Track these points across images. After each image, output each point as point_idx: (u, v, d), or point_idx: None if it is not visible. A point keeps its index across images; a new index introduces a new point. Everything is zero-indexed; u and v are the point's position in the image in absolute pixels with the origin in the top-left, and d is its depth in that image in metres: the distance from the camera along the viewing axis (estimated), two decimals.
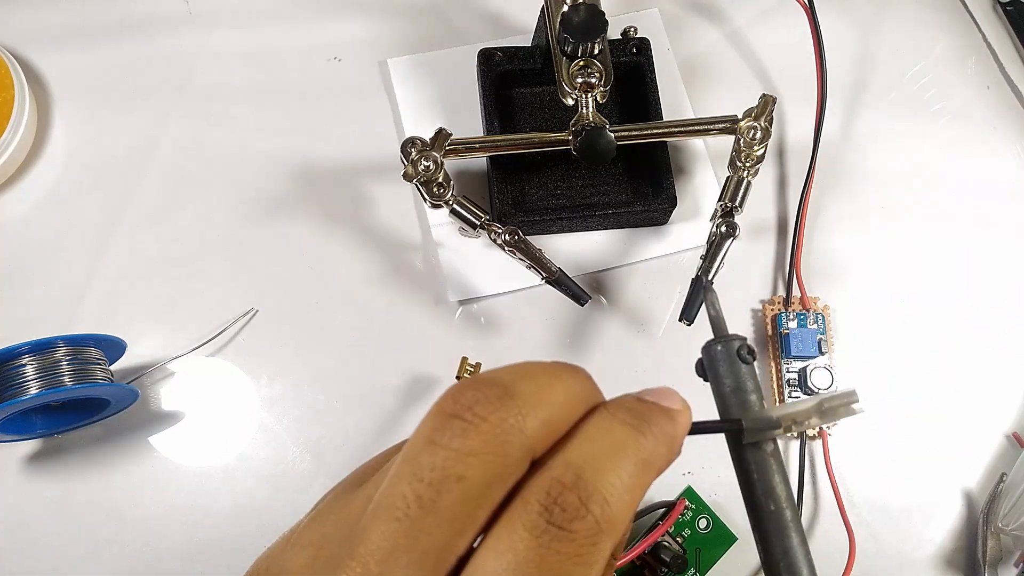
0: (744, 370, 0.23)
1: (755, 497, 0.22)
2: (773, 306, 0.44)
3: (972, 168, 0.48)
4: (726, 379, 0.23)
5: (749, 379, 0.23)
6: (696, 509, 0.40)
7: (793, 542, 0.22)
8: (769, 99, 0.40)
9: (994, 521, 0.40)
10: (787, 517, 0.22)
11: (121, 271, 0.43)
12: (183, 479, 0.40)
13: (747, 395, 0.23)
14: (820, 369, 0.42)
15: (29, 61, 0.47)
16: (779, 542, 0.22)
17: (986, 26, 0.50)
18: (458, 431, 0.17)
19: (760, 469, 0.22)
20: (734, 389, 0.23)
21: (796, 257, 0.44)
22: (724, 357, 0.23)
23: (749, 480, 0.22)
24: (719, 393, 0.23)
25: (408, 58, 0.48)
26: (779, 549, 0.21)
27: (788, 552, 0.21)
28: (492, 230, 0.40)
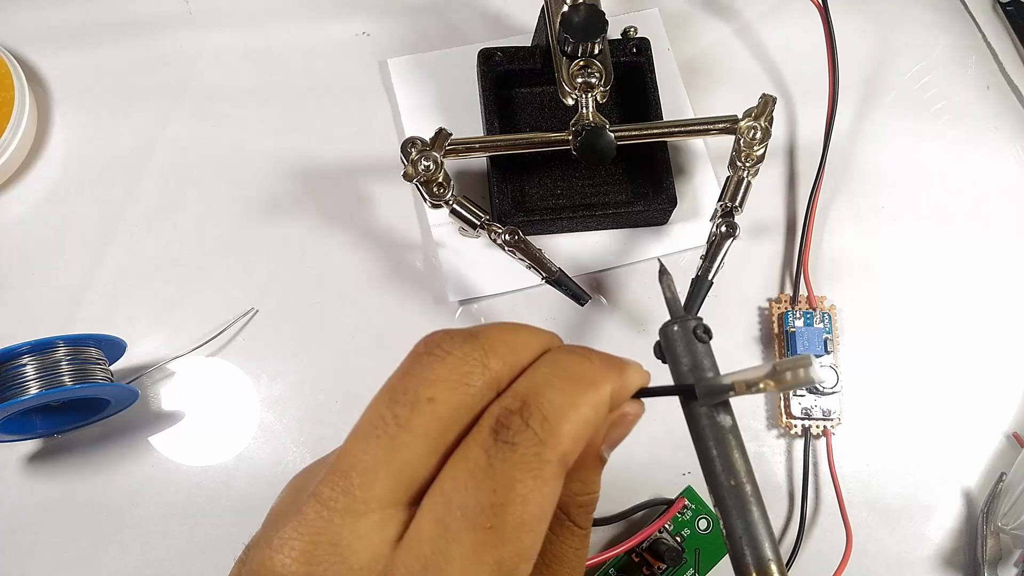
0: (701, 349, 0.23)
1: (714, 473, 0.22)
2: (780, 304, 0.44)
3: (972, 168, 0.48)
4: (683, 359, 0.24)
5: (706, 357, 0.23)
6: (696, 509, 0.40)
7: (754, 515, 0.22)
8: (769, 99, 0.40)
9: (994, 520, 0.40)
10: (747, 491, 0.22)
11: (121, 271, 0.43)
12: (183, 479, 0.40)
13: (704, 372, 0.23)
14: (825, 368, 0.42)
15: (29, 61, 0.47)
16: (740, 516, 0.22)
17: (986, 26, 0.50)
18: (428, 363, 0.20)
19: (719, 444, 0.22)
20: (691, 368, 0.23)
21: (804, 256, 0.44)
22: (680, 337, 0.24)
23: (707, 456, 0.22)
24: (677, 373, 0.24)
25: (408, 58, 0.48)
26: (740, 523, 0.22)
27: (749, 526, 0.22)
28: (492, 230, 0.40)
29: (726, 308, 0.44)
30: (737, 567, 0.22)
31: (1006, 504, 0.40)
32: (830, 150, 0.47)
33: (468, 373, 0.20)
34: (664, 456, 0.41)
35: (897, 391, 0.43)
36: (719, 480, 0.22)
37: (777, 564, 0.21)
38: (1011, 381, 0.44)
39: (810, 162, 0.47)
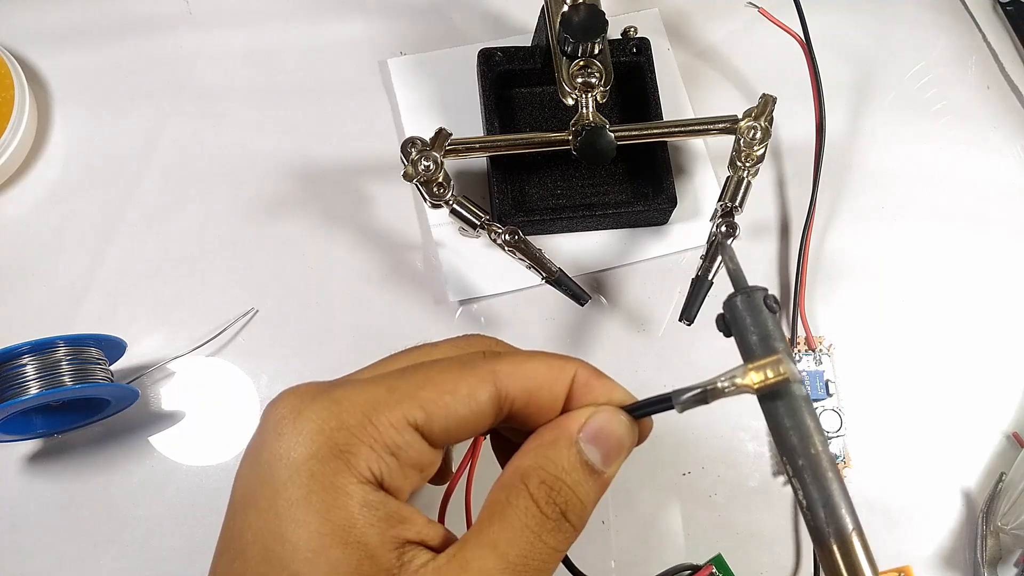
0: (770, 319, 0.23)
1: (790, 444, 0.22)
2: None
3: (972, 168, 0.48)
4: (752, 330, 0.23)
5: (775, 327, 0.23)
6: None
7: (833, 486, 0.21)
8: (769, 99, 0.40)
9: (993, 520, 0.40)
10: (824, 461, 0.21)
11: (121, 271, 0.43)
12: (183, 479, 0.40)
13: (775, 342, 0.22)
14: (828, 412, 0.41)
15: (29, 61, 0.47)
16: (819, 486, 0.21)
17: (986, 26, 0.50)
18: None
19: (793, 416, 0.22)
20: (762, 338, 0.23)
21: (800, 297, 0.43)
22: (748, 308, 0.23)
23: (783, 427, 0.22)
24: (746, 344, 0.23)
25: (408, 58, 0.48)
26: (820, 495, 0.21)
27: (829, 497, 0.21)
28: (492, 230, 0.40)
29: None
30: (816, 538, 0.21)
31: (1006, 504, 0.40)
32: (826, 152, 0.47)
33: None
34: (663, 456, 0.41)
35: (897, 391, 0.43)
36: (795, 450, 0.22)
37: (859, 533, 0.21)
38: (1010, 381, 0.44)
39: (810, 162, 0.47)
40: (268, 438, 0.22)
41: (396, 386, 0.22)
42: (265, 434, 0.22)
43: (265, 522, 0.21)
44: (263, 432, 0.22)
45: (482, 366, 0.23)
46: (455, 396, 0.22)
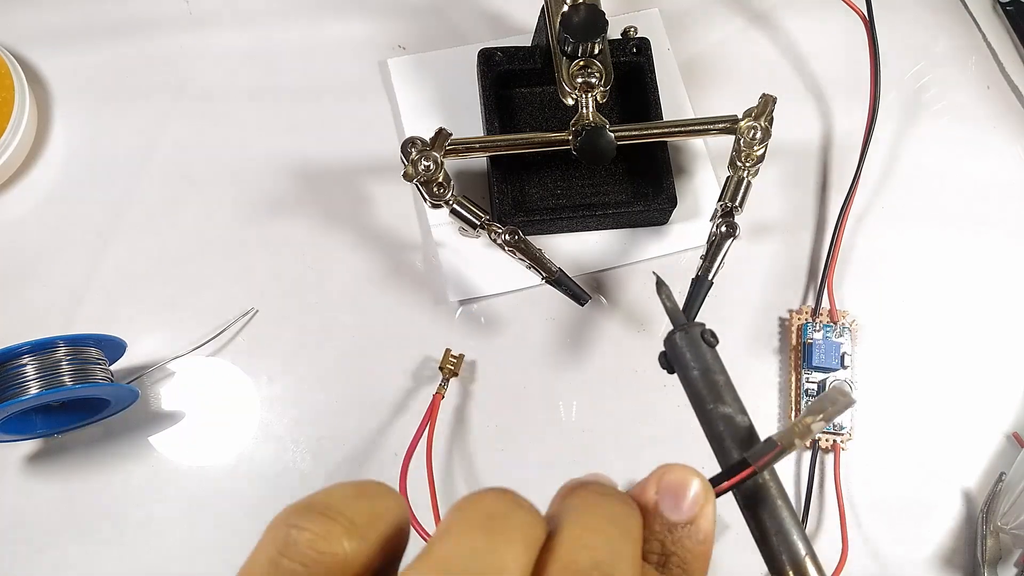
0: (709, 354, 0.23)
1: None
2: (800, 316, 0.43)
3: (972, 168, 0.48)
4: (693, 365, 0.23)
5: (715, 362, 0.23)
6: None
7: (783, 514, 0.22)
8: (769, 99, 0.40)
9: (993, 520, 0.40)
10: (773, 490, 0.22)
11: (121, 271, 0.43)
12: (183, 479, 0.40)
13: (715, 376, 0.23)
14: (839, 383, 0.41)
15: (29, 61, 0.47)
16: (770, 516, 0.22)
17: (986, 26, 0.50)
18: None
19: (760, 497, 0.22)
20: (703, 372, 0.23)
21: (830, 268, 0.44)
22: (687, 344, 0.24)
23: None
24: (687, 380, 0.23)
25: (408, 58, 0.48)
26: (771, 523, 0.22)
27: (781, 524, 0.22)
28: (492, 230, 0.40)
29: (728, 308, 0.44)
30: (773, 568, 0.21)
31: (1006, 504, 0.40)
32: (826, 152, 0.47)
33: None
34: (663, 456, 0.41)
35: (895, 391, 0.43)
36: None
37: (812, 559, 0.21)
38: (1010, 381, 0.44)
39: (810, 162, 0.47)
40: None
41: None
42: None
43: None
44: None
45: None
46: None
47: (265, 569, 0.19)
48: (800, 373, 0.42)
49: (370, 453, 0.41)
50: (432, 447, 0.39)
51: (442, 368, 0.41)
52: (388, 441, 0.41)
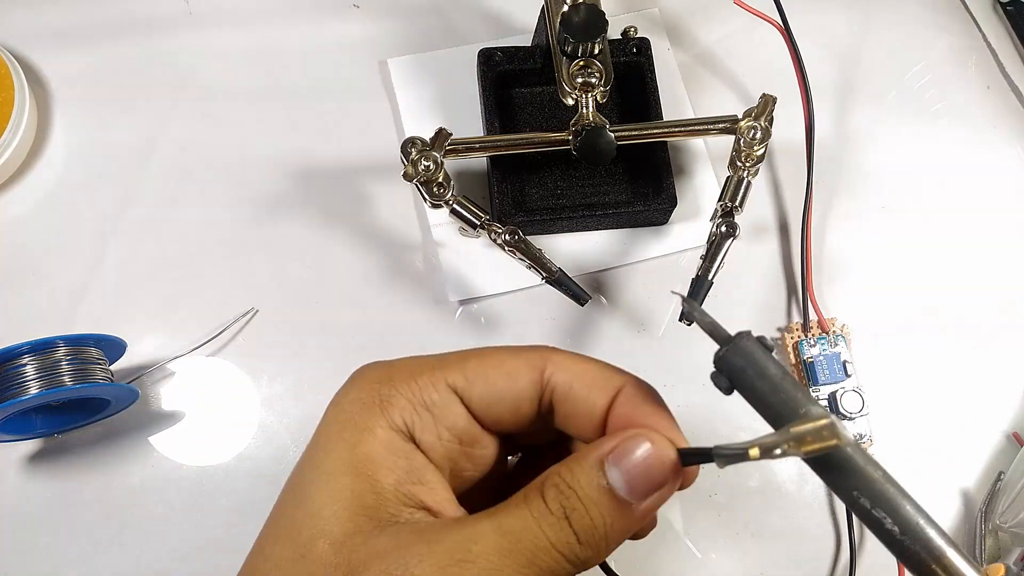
0: (772, 364, 0.21)
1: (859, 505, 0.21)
2: (792, 334, 0.43)
3: (972, 168, 0.48)
4: (759, 382, 0.21)
5: (779, 370, 0.21)
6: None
7: (906, 510, 0.21)
8: (769, 99, 0.40)
9: (992, 519, 0.40)
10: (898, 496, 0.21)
11: (121, 271, 0.43)
12: (183, 479, 0.41)
13: (792, 392, 0.21)
14: (850, 392, 0.41)
15: (29, 61, 0.47)
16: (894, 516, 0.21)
17: (986, 26, 0.50)
18: None
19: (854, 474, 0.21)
20: (773, 389, 0.21)
21: (807, 280, 0.43)
22: (745, 359, 0.22)
23: (842, 489, 0.21)
24: (760, 400, 0.22)
25: (408, 58, 0.48)
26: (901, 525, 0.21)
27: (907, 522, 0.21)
28: (492, 230, 0.40)
29: (730, 309, 0.44)
30: (913, 566, 0.21)
31: (1004, 503, 0.40)
32: (825, 152, 0.47)
33: None
34: None
35: (894, 391, 0.43)
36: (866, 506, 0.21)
37: (953, 547, 0.20)
38: (1009, 381, 0.44)
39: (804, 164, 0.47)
40: (338, 391, 0.25)
41: (446, 358, 0.24)
42: (339, 389, 0.25)
43: (308, 450, 0.24)
44: (333, 400, 0.25)
45: (533, 354, 0.24)
46: (498, 371, 0.24)
47: None
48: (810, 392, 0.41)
49: None
50: None
51: None
52: None
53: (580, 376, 0.24)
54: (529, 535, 0.21)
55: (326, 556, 0.21)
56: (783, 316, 0.44)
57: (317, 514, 0.22)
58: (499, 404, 0.24)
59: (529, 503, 0.22)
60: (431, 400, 0.24)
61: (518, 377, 0.24)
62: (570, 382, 0.24)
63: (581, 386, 0.24)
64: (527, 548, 0.21)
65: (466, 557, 0.21)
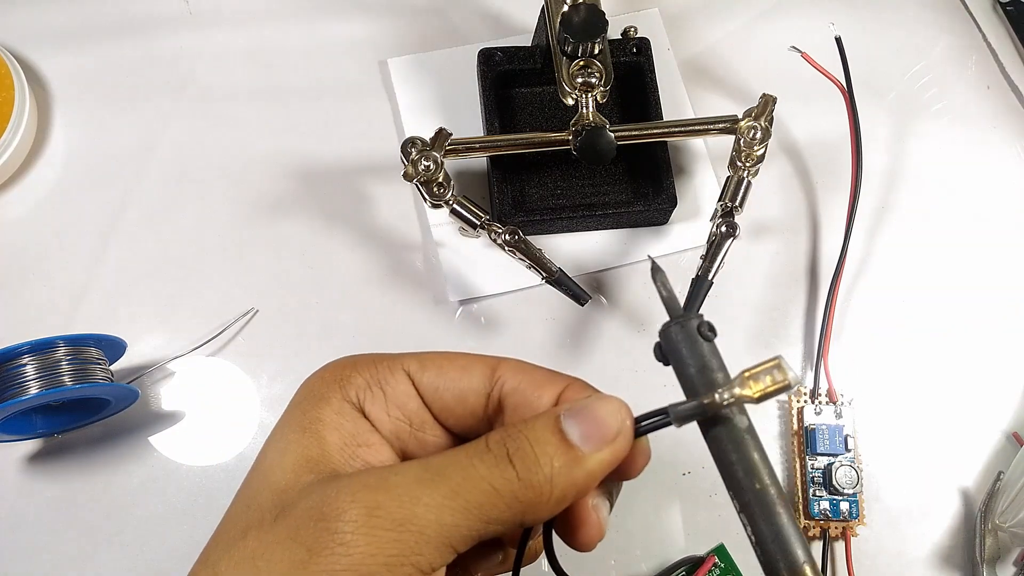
0: (707, 348, 0.23)
1: (736, 479, 0.22)
2: (798, 399, 0.42)
3: (972, 168, 0.48)
4: (689, 361, 0.23)
5: (713, 357, 0.23)
6: (725, 569, 0.38)
7: (782, 519, 0.21)
8: (769, 99, 0.40)
9: (992, 518, 0.40)
10: (772, 495, 0.21)
11: (121, 271, 0.43)
12: (183, 479, 0.41)
13: (713, 374, 0.22)
14: (846, 467, 0.40)
15: (29, 61, 0.47)
16: (767, 521, 0.21)
17: (986, 26, 0.50)
18: None
19: (737, 449, 0.22)
20: (699, 369, 0.22)
21: (824, 348, 0.42)
22: (684, 338, 0.23)
23: (727, 462, 0.22)
24: (683, 376, 0.23)
25: (408, 58, 0.48)
26: (769, 529, 0.21)
27: (778, 531, 0.21)
28: (492, 230, 0.40)
29: (730, 309, 0.44)
30: (770, 573, 0.21)
31: (1004, 502, 0.40)
32: (825, 151, 0.47)
33: None
34: (663, 456, 0.41)
35: (895, 390, 0.43)
36: (741, 485, 0.21)
37: (811, 566, 0.21)
38: (1009, 381, 0.44)
39: (810, 162, 0.47)
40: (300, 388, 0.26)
41: (406, 351, 0.26)
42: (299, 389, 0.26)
43: (275, 426, 0.26)
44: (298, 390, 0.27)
45: (488, 357, 0.26)
46: (452, 363, 0.26)
47: None
48: (804, 460, 0.41)
49: None
50: None
51: None
52: None
53: (529, 376, 0.25)
54: (457, 469, 0.21)
55: (266, 503, 0.23)
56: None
57: (268, 469, 0.24)
58: (449, 392, 0.25)
59: (466, 448, 0.22)
60: (384, 379, 0.25)
61: (471, 371, 0.25)
62: (519, 381, 0.25)
63: (530, 384, 0.25)
64: (453, 480, 0.21)
65: (382, 485, 0.21)
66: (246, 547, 0.22)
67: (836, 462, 0.40)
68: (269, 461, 0.24)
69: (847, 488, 0.40)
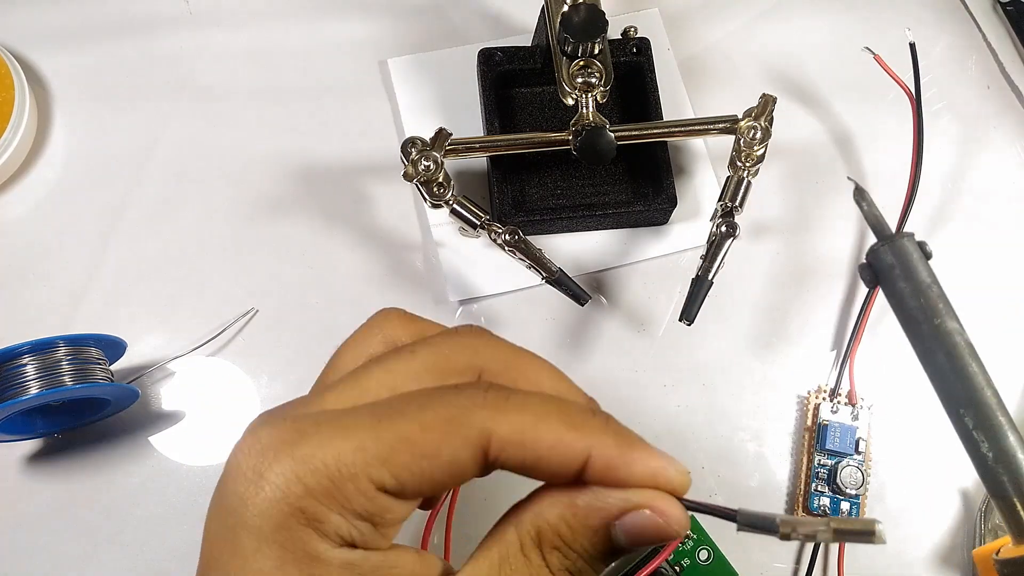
0: (923, 269, 0.21)
1: (953, 394, 0.21)
2: (818, 396, 0.42)
3: (972, 168, 0.48)
4: (902, 283, 0.21)
5: (931, 275, 0.21)
6: (697, 540, 0.38)
7: (1009, 440, 0.20)
8: (769, 99, 0.40)
9: (992, 518, 0.40)
10: (999, 413, 0.21)
11: (121, 271, 0.43)
12: (183, 479, 0.41)
13: (933, 299, 0.21)
14: (852, 468, 0.40)
15: (29, 61, 0.47)
16: (991, 438, 0.20)
17: (986, 26, 0.50)
18: None
19: (951, 358, 0.21)
20: (915, 292, 0.21)
21: (853, 349, 0.42)
22: (898, 258, 0.21)
23: (947, 384, 0.21)
24: (899, 301, 0.21)
25: (408, 58, 0.48)
26: (992, 447, 0.20)
27: (1003, 449, 0.20)
28: (492, 230, 0.40)
29: (730, 308, 0.44)
30: (998, 493, 0.20)
31: None
32: (825, 151, 0.47)
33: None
34: None
35: (892, 388, 0.43)
36: (962, 404, 0.20)
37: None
38: (1009, 380, 0.44)
39: (810, 162, 0.47)
40: (232, 502, 0.20)
41: (366, 444, 0.20)
42: (227, 496, 0.20)
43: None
44: (225, 492, 0.20)
45: (474, 425, 0.20)
46: (433, 461, 0.20)
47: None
48: (812, 456, 0.41)
49: None
50: None
51: None
52: None
53: (534, 451, 0.21)
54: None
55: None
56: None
57: None
58: (435, 489, 0.21)
59: (530, 561, 0.21)
60: (365, 511, 0.20)
61: (457, 463, 0.20)
62: (525, 461, 0.21)
63: (539, 462, 0.21)
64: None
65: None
66: None
67: (844, 462, 0.40)
68: None
69: (850, 488, 0.40)
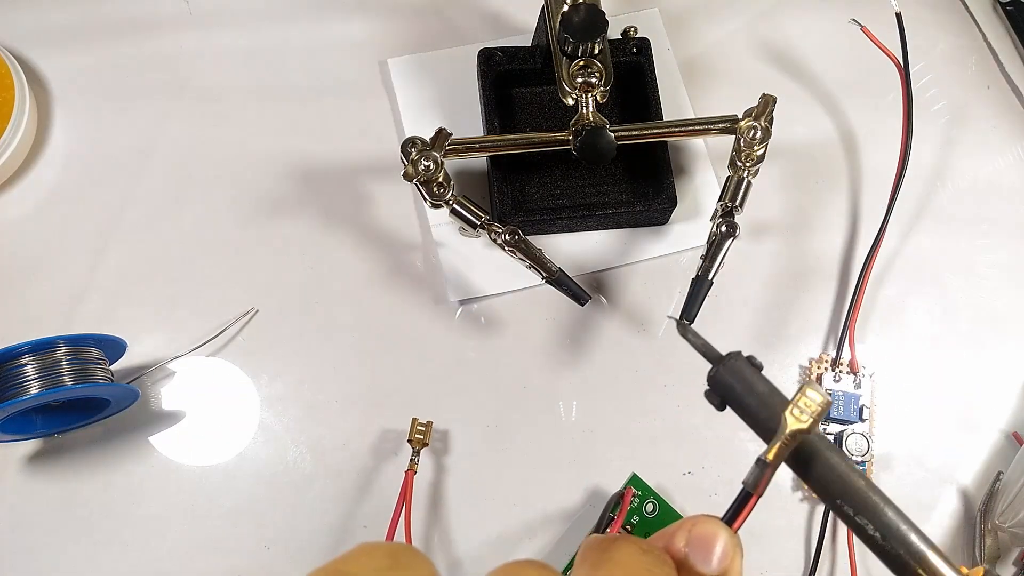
0: (758, 380, 0.22)
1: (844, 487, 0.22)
2: (820, 365, 0.42)
3: (972, 168, 0.48)
4: (748, 398, 0.22)
5: (765, 386, 0.22)
6: (643, 495, 0.40)
7: (888, 516, 0.22)
8: (769, 99, 0.40)
9: (991, 518, 0.40)
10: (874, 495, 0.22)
11: (121, 271, 0.43)
12: (183, 479, 0.41)
13: (776, 396, 0.22)
14: (857, 435, 0.40)
15: (29, 61, 0.47)
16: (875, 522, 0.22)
17: (986, 26, 0.50)
18: None
19: (828, 462, 0.22)
20: (768, 394, 0.22)
21: (852, 318, 0.42)
22: (736, 378, 0.22)
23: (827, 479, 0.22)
24: (746, 412, 0.23)
25: (408, 58, 0.48)
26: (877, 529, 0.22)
27: (888, 527, 0.22)
28: (492, 230, 0.40)
29: (729, 309, 0.44)
30: (897, 569, 0.21)
31: (1003, 502, 0.40)
32: (824, 151, 0.47)
33: None
34: (663, 456, 0.41)
35: (893, 387, 0.43)
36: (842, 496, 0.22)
37: (933, 550, 0.21)
38: (1008, 380, 0.44)
39: (810, 162, 0.47)
40: None
41: None
42: None
43: None
44: None
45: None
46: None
47: None
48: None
49: (370, 453, 0.41)
50: (412, 505, 0.38)
51: (410, 441, 0.39)
52: (388, 441, 0.41)
53: None
54: None
55: None
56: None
57: None
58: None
59: None
60: None
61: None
62: None
63: None
64: None
65: None
66: None
67: (848, 429, 0.41)
68: None
69: (856, 455, 0.40)
